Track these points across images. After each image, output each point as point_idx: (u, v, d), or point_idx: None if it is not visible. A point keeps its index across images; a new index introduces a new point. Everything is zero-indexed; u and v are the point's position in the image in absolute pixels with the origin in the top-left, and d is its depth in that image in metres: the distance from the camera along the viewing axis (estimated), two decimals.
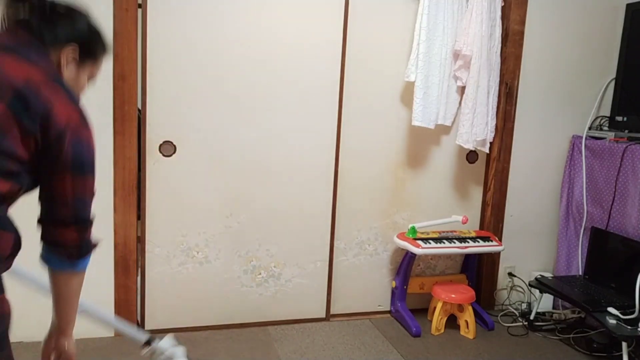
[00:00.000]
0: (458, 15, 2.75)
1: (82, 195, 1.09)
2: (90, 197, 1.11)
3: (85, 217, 1.11)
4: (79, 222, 1.10)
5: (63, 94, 1.03)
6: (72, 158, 1.04)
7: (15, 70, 0.98)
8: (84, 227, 1.11)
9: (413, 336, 2.72)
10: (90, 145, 1.08)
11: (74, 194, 1.08)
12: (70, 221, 1.09)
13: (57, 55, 1.10)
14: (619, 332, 2.25)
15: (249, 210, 2.66)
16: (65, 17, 1.13)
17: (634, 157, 2.64)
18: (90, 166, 1.09)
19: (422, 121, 2.72)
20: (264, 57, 2.57)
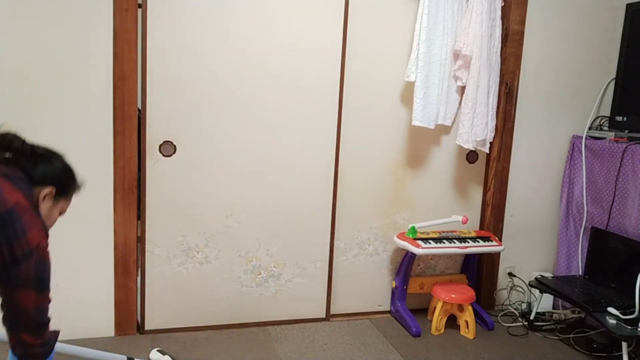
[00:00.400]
0: (458, 15, 2.76)
1: (42, 306, 1.28)
2: (48, 305, 1.30)
3: (45, 323, 1.30)
4: (39, 328, 1.28)
5: (39, 223, 1.28)
6: (35, 276, 1.25)
7: (10, 195, 1.24)
8: (44, 331, 1.30)
9: (413, 336, 2.72)
10: (49, 265, 1.30)
11: (36, 306, 1.26)
12: (33, 329, 1.27)
13: (37, 192, 1.34)
14: (619, 332, 2.25)
15: (249, 210, 2.66)
16: (44, 158, 1.38)
17: (634, 157, 2.64)
18: (48, 281, 1.29)
19: (422, 121, 2.72)
20: (264, 57, 2.57)
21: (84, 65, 2.33)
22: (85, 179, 2.40)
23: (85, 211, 2.41)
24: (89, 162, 2.39)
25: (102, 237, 2.45)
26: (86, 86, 2.34)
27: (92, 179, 2.40)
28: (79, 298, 2.48)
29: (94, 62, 2.34)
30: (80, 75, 2.33)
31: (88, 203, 2.41)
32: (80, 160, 2.38)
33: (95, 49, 2.33)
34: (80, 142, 2.37)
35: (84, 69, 2.33)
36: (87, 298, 2.49)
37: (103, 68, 2.35)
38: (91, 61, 2.33)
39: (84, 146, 2.38)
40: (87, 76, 2.34)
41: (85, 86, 2.34)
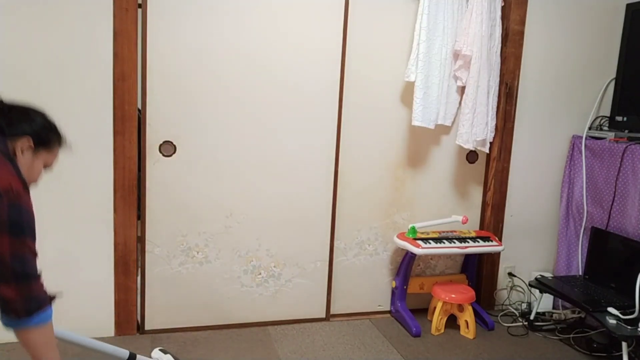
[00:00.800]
0: (458, 15, 2.76)
1: (20, 253, 1.19)
2: (31, 255, 1.22)
3: (26, 273, 1.20)
4: (19, 279, 1.19)
5: (9, 167, 1.23)
6: (8, 219, 1.18)
7: None
8: (26, 283, 1.20)
9: (413, 336, 2.72)
10: (29, 211, 1.23)
11: (12, 253, 1.18)
12: (9, 279, 1.18)
13: (12, 145, 1.31)
14: (619, 332, 2.25)
15: (249, 210, 2.66)
16: (22, 115, 1.34)
17: (634, 157, 2.64)
18: (28, 229, 1.22)
19: (422, 121, 2.72)
20: (263, 57, 2.57)
21: (84, 65, 2.33)
22: (85, 179, 2.40)
23: (85, 211, 2.41)
24: (89, 161, 2.39)
25: (102, 237, 2.45)
26: (86, 86, 2.34)
27: (92, 178, 2.40)
28: (79, 298, 2.48)
29: (93, 62, 2.34)
30: (80, 75, 2.33)
31: (88, 203, 2.41)
32: (80, 160, 2.38)
33: (95, 49, 2.33)
34: (80, 142, 2.37)
35: (84, 69, 2.33)
36: (87, 298, 2.49)
37: (103, 68, 2.35)
38: (91, 61, 2.33)
39: (84, 146, 2.37)
40: (87, 76, 2.33)
41: (85, 86, 2.34)
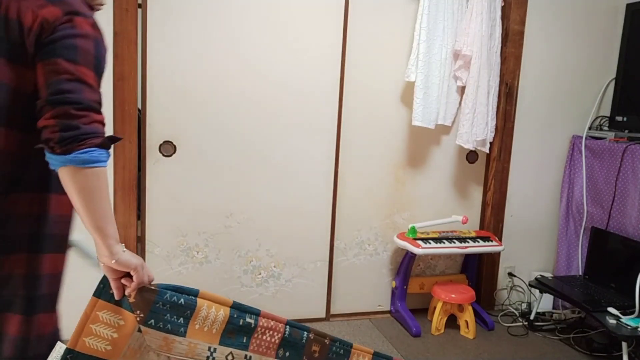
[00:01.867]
0: (458, 15, 2.75)
1: (70, 76, 1.03)
2: (85, 84, 1.05)
3: (73, 100, 1.02)
4: (64, 102, 1.02)
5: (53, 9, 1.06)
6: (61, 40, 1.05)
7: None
8: (72, 108, 1.02)
9: (413, 336, 2.72)
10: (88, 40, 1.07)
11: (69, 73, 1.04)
12: (54, 101, 1.02)
13: None
14: (619, 332, 2.25)
15: (249, 210, 2.66)
16: None
17: (634, 157, 2.64)
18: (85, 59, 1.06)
19: (422, 121, 2.72)
20: (263, 57, 2.57)
21: None
22: None
23: None
24: None
25: None
26: None
27: None
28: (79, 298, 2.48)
29: None
30: None
31: None
32: None
33: None
34: None
35: None
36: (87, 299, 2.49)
37: None
38: None
39: None
40: None
41: None
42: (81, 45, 1.06)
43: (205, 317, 1.21)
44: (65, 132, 1.00)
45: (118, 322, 1.13)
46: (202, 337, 1.21)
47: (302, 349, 1.36)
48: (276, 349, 1.33)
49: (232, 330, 1.26)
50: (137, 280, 1.11)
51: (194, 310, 1.19)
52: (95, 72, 1.07)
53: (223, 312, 1.24)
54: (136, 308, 1.13)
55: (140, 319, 1.13)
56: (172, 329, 1.16)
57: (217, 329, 1.24)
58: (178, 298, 1.17)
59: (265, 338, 1.32)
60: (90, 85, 1.05)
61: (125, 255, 1.09)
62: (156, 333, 1.15)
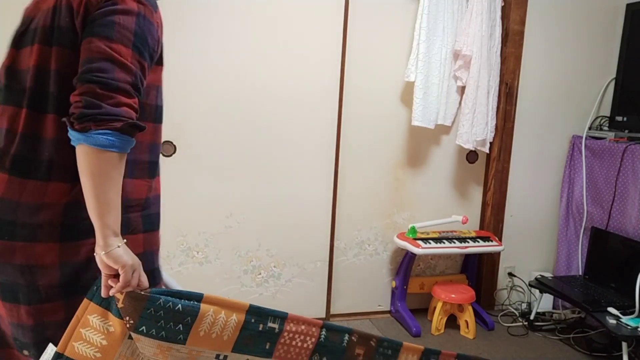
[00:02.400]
0: (458, 15, 2.75)
1: (101, 55, 1.00)
2: (116, 63, 1.00)
3: (100, 80, 0.98)
4: (92, 80, 0.98)
5: None
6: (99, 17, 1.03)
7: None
8: (98, 87, 0.98)
9: (413, 336, 2.72)
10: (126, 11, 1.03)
11: (91, 54, 1.00)
12: (83, 78, 0.99)
13: None
14: (619, 332, 2.25)
15: (249, 210, 2.66)
16: None
17: (634, 157, 2.64)
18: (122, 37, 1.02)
19: (422, 121, 2.72)
20: (263, 57, 2.57)
21: None
22: None
23: None
24: None
25: None
26: None
27: None
28: None
29: None
30: None
31: None
32: None
33: None
34: None
35: None
36: None
37: None
38: None
39: None
40: None
41: None
42: (119, 21, 1.02)
43: (212, 323, 1.11)
44: (87, 110, 0.97)
45: (107, 328, 1.06)
46: (209, 344, 1.11)
47: (342, 353, 1.25)
48: (309, 355, 1.23)
49: (250, 336, 1.15)
50: (122, 280, 1.02)
51: (196, 316, 1.09)
52: (134, 50, 1.02)
53: (236, 318, 1.14)
54: (125, 314, 1.04)
55: (130, 325, 1.05)
56: (168, 336, 1.07)
57: (230, 336, 1.13)
58: (174, 304, 1.07)
59: (296, 344, 1.22)
60: (122, 64, 1.01)
61: (118, 251, 1.02)
62: (149, 340, 1.06)
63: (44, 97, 1.07)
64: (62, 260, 1.08)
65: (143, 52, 1.05)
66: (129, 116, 1.01)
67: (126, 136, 1.01)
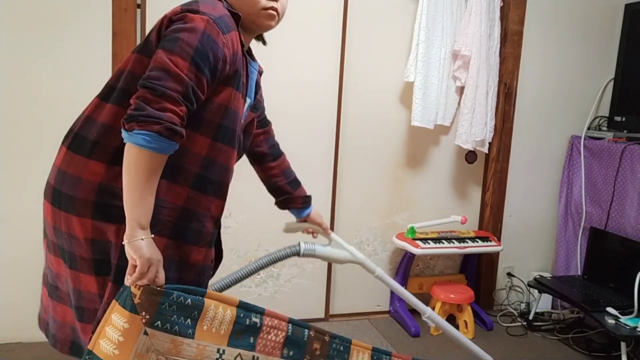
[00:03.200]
0: (457, 16, 2.76)
1: (160, 65, 1.10)
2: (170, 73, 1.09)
3: (152, 86, 1.08)
4: (145, 86, 1.08)
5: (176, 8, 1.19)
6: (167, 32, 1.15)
7: None
8: (148, 92, 1.08)
9: (412, 336, 2.72)
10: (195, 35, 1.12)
11: (161, 63, 1.10)
12: (139, 84, 1.10)
13: None
14: (617, 332, 2.26)
15: (248, 210, 2.66)
16: None
17: (633, 157, 2.65)
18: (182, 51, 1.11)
19: (421, 121, 2.72)
20: (262, 57, 2.57)
21: (83, 64, 2.32)
22: None
23: None
24: None
25: None
26: (85, 86, 2.34)
27: None
28: None
29: (92, 62, 2.33)
30: (79, 75, 2.32)
31: None
32: None
33: (94, 49, 2.33)
34: None
35: (83, 69, 2.32)
36: None
37: (101, 68, 2.35)
38: (90, 61, 2.33)
39: None
40: (86, 76, 2.33)
41: (84, 86, 2.33)
42: (183, 37, 1.12)
43: (212, 318, 1.19)
44: (135, 112, 1.07)
45: (123, 325, 1.10)
46: (211, 338, 1.18)
47: (304, 347, 1.35)
48: (281, 349, 1.31)
49: (240, 330, 1.23)
50: (138, 271, 1.09)
51: (202, 310, 1.16)
52: (191, 63, 1.11)
53: (230, 312, 1.22)
54: (141, 309, 1.09)
55: (145, 320, 1.10)
56: (180, 330, 1.13)
57: (225, 330, 1.21)
58: (185, 298, 1.14)
59: (271, 337, 1.30)
60: (176, 75, 1.09)
61: (139, 243, 1.09)
62: (163, 335, 1.12)
63: (111, 90, 1.22)
64: (92, 237, 1.19)
65: (201, 66, 1.13)
66: (170, 121, 1.08)
67: (164, 139, 1.08)
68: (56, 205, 1.21)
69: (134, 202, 1.09)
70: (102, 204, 1.17)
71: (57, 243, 1.24)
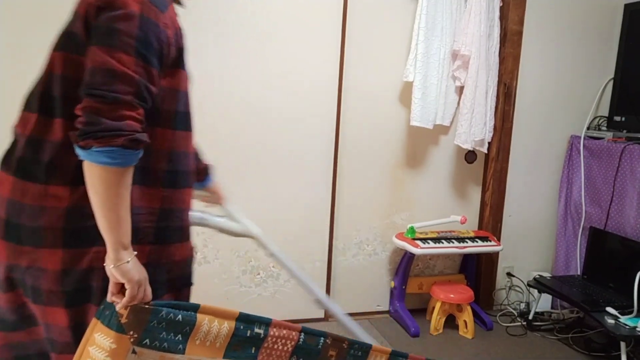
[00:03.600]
0: (456, 15, 2.76)
1: (102, 65, 0.96)
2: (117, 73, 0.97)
3: (100, 93, 0.95)
4: (92, 94, 0.95)
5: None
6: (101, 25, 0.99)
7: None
8: (98, 101, 0.95)
9: (412, 336, 2.72)
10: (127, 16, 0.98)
11: (93, 65, 0.97)
12: (85, 91, 0.97)
13: None
14: (617, 332, 2.26)
15: (248, 211, 2.65)
16: None
17: (632, 157, 2.65)
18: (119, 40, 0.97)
19: (420, 121, 2.72)
20: (261, 56, 2.57)
21: None
22: None
23: None
24: None
25: None
26: None
27: None
28: None
29: None
30: None
31: None
32: None
33: None
34: None
35: None
36: None
37: None
38: None
39: None
40: None
41: None
42: (120, 27, 0.98)
43: (207, 332, 1.15)
44: (87, 127, 0.95)
45: (110, 345, 1.06)
46: (203, 352, 1.15)
47: (317, 354, 1.32)
48: (288, 357, 1.29)
49: (238, 342, 1.20)
50: (129, 295, 1.04)
51: (194, 326, 1.13)
52: (137, 57, 0.98)
53: (227, 325, 1.19)
54: (129, 329, 1.06)
55: (134, 339, 1.06)
56: (169, 347, 1.10)
57: (221, 343, 1.18)
58: (175, 315, 1.10)
59: (277, 347, 1.27)
60: (124, 75, 0.97)
61: (127, 266, 1.03)
62: (152, 352, 1.09)
63: (50, 101, 1.07)
64: (64, 268, 1.07)
65: (148, 57, 1.00)
66: (131, 129, 0.97)
67: (130, 150, 0.98)
68: (13, 241, 1.08)
69: (111, 224, 1.00)
70: (73, 229, 1.07)
71: (14, 277, 1.12)
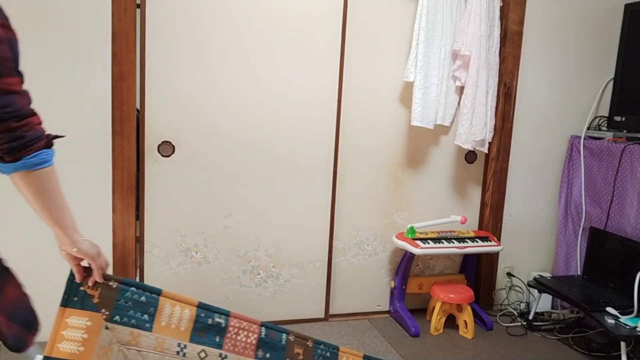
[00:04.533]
0: (457, 16, 2.76)
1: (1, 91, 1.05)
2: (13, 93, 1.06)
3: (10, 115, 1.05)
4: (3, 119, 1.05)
5: None
6: None
7: None
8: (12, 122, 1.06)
9: (412, 336, 2.72)
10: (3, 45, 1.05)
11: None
12: None
13: None
14: (617, 332, 2.26)
15: (248, 211, 2.66)
16: None
17: (633, 157, 2.65)
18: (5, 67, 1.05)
19: (421, 121, 2.72)
20: (261, 57, 2.57)
21: (83, 65, 2.32)
22: (83, 179, 2.39)
23: (84, 212, 2.41)
24: (88, 162, 2.39)
25: (101, 238, 2.45)
26: (85, 86, 2.34)
27: (91, 179, 2.40)
28: None
29: (92, 62, 2.33)
30: (78, 75, 2.32)
31: (87, 203, 2.41)
32: (79, 161, 2.37)
33: (94, 49, 2.32)
34: (78, 143, 2.37)
35: (83, 69, 2.32)
36: None
37: (101, 68, 2.35)
38: (90, 61, 2.33)
39: (83, 146, 2.37)
40: (85, 76, 2.33)
41: (84, 86, 2.34)
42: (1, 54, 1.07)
43: (170, 315, 1.29)
44: (12, 143, 1.07)
45: (86, 323, 1.21)
46: (170, 333, 1.28)
47: (282, 350, 1.39)
48: (254, 350, 1.37)
49: (202, 328, 1.32)
50: (96, 268, 1.21)
51: (156, 308, 1.27)
52: (18, 76, 1.10)
53: (189, 311, 1.32)
54: (101, 307, 1.22)
55: (106, 316, 1.22)
56: (138, 324, 1.25)
57: (186, 327, 1.30)
58: (139, 295, 1.26)
59: (240, 338, 1.37)
60: (18, 93, 1.09)
61: (85, 244, 1.20)
62: (122, 328, 1.23)
63: None
64: None
65: (21, 71, 1.12)
66: (45, 132, 1.13)
67: (51, 149, 1.13)
68: None
69: (59, 216, 1.15)
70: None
71: None
